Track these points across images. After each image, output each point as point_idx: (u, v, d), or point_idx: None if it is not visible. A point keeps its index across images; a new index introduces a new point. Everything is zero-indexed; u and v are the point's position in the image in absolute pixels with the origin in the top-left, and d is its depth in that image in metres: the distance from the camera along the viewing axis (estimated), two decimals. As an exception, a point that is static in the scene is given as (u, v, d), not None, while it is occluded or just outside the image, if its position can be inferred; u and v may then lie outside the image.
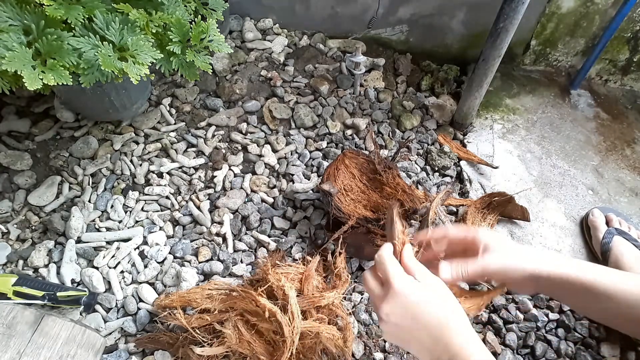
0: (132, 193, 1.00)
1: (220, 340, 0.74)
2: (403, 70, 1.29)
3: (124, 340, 0.84)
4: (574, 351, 0.84)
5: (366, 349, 0.83)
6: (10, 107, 1.09)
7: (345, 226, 0.84)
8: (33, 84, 0.64)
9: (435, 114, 1.19)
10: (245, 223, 0.98)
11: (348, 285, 0.84)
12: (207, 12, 0.89)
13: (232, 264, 0.91)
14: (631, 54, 1.25)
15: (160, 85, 1.18)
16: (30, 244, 0.92)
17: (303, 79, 1.23)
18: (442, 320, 0.49)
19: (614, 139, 1.19)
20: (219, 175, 1.04)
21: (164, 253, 0.92)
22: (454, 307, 0.50)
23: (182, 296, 0.81)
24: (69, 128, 1.08)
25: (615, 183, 1.10)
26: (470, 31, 1.26)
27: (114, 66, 0.70)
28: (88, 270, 0.88)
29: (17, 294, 0.78)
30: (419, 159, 1.11)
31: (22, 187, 0.98)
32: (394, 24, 1.29)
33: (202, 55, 0.81)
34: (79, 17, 0.70)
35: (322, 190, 0.86)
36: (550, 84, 1.31)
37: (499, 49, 0.96)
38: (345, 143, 1.12)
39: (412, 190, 0.92)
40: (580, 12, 1.17)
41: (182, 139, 1.10)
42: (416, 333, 0.50)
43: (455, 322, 0.49)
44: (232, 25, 1.30)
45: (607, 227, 0.94)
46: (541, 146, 1.16)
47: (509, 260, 0.55)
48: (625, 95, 1.31)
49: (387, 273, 0.51)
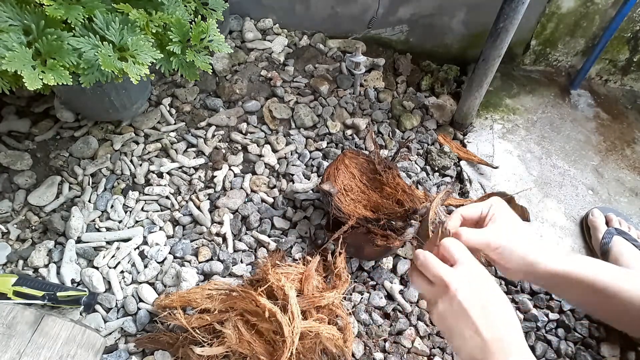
0: (132, 193, 1.00)
1: (220, 340, 0.74)
2: (403, 70, 1.29)
3: (124, 340, 0.84)
4: (574, 351, 0.84)
5: (366, 349, 0.83)
6: (10, 107, 1.09)
7: (345, 226, 0.84)
8: (33, 84, 0.64)
9: (435, 114, 1.19)
10: (245, 223, 0.98)
11: (348, 285, 0.84)
12: (207, 12, 0.89)
13: (232, 264, 0.91)
14: (631, 54, 1.25)
15: (160, 85, 1.18)
16: (30, 244, 0.92)
17: (303, 79, 1.23)
18: (495, 335, 0.46)
19: (614, 139, 1.19)
20: (219, 175, 1.04)
21: (164, 253, 0.92)
22: (507, 319, 0.47)
23: (182, 296, 0.81)
24: (69, 128, 1.08)
25: (615, 183, 1.10)
26: (470, 31, 1.26)
27: (114, 66, 0.70)
28: (88, 270, 0.88)
29: (17, 294, 0.78)
30: (419, 159, 1.11)
31: (22, 187, 0.98)
32: (394, 24, 1.29)
33: (202, 55, 0.81)
34: (79, 17, 0.70)
35: (322, 190, 0.86)
36: (550, 84, 1.31)
37: (499, 49, 0.96)
38: (345, 143, 1.12)
39: (412, 190, 0.92)
40: (580, 12, 1.17)
41: (182, 139, 1.10)
42: (467, 340, 0.47)
43: (506, 340, 0.46)
44: (232, 25, 1.30)
45: (606, 227, 0.94)
46: (541, 146, 1.16)
47: (511, 242, 0.53)
48: (625, 95, 1.31)
49: (438, 272, 0.49)
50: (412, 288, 0.90)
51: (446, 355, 0.84)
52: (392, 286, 0.90)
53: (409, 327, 0.86)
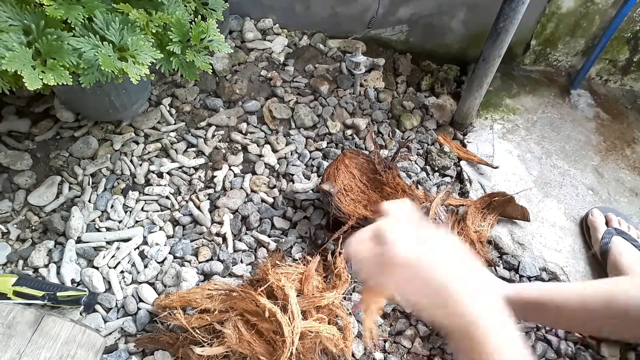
0: (132, 193, 1.00)
1: (220, 340, 0.74)
2: (403, 70, 1.29)
3: (124, 340, 0.84)
4: (574, 351, 0.84)
5: (366, 349, 0.83)
6: (10, 107, 1.09)
7: (345, 226, 0.84)
8: (33, 84, 0.64)
9: (435, 114, 1.19)
10: (245, 223, 0.98)
11: (348, 285, 0.84)
12: (207, 12, 0.89)
13: (232, 264, 0.91)
14: (631, 54, 1.25)
15: (160, 85, 1.18)
16: (30, 244, 0.92)
17: (303, 79, 1.23)
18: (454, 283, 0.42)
19: (614, 139, 1.19)
20: (219, 175, 1.04)
21: (164, 253, 0.92)
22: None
23: (182, 296, 0.81)
24: (69, 128, 1.08)
25: (615, 183, 1.10)
26: (470, 31, 1.26)
27: (114, 66, 0.70)
28: (88, 270, 0.88)
29: (17, 294, 0.78)
30: (419, 159, 1.11)
31: (22, 187, 0.98)
32: (394, 24, 1.29)
33: (202, 55, 0.81)
34: (79, 17, 0.70)
35: (322, 190, 0.86)
36: (550, 84, 1.31)
37: (499, 49, 0.96)
38: (345, 143, 1.12)
39: (412, 190, 0.92)
40: (580, 12, 1.17)
41: (182, 139, 1.10)
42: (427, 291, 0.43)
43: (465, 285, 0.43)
44: (232, 25, 1.30)
45: (606, 227, 0.94)
46: (541, 146, 1.16)
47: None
48: (625, 95, 1.31)
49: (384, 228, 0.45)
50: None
51: (446, 356, 0.84)
52: (392, 286, 0.90)
53: (408, 327, 0.86)
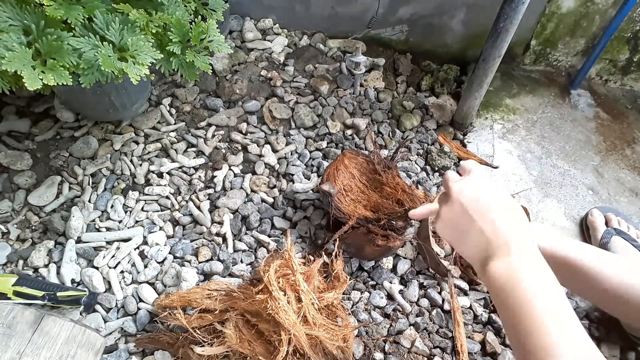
0: (132, 193, 1.00)
1: (221, 340, 0.74)
2: (403, 70, 1.29)
3: (124, 340, 0.84)
4: (573, 351, 0.84)
5: (366, 349, 0.83)
6: (10, 107, 1.09)
7: (345, 226, 0.84)
8: (33, 84, 0.64)
9: (435, 114, 1.20)
10: (245, 223, 0.98)
11: (347, 285, 0.84)
12: (207, 12, 0.89)
13: (232, 264, 0.91)
14: (631, 54, 1.25)
15: (160, 85, 1.18)
16: (30, 244, 0.92)
17: (303, 79, 1.23)
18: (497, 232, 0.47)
19: (614, 139, 1.19)
20: (219, 175, 1.04)
21: (164, 253, 0.92)
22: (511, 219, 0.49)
23: (182, 296, 0.81)
24: (69, 128, 1.08)
25: (615, 183, 1.10)
26: (470, 31, 1.26)
27: (114, 66, 0.70)
28: (88, 270, 0.88)
29: (17, 294, 0.78)
30: (419, 159, 1.11)
31: (22, 187, 0.98)
32: (394, 24, 1.29)
33: (202, 55, 0.81)
34: (79, 17, 0.70)
35: (322, 190, 0.86)
36: (550, 84, 1.31)
37: (499, 49, 0.96)
38: (345, 143, 1.12)
39: (412, 190, 0.92)
40: (580, 12, 1.17)
41: (182, 139, 1.10)
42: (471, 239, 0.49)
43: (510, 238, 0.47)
44: (232, 25, 1.30)
45: (606, 227, 0.94)
46: (541, 146, 1.16)
47: None
48: (625, 95, 1.31)
49: (447, 182, 0.54)
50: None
51: (446, 355, 0.84)
52: (392, 286, 0.90)
53: (408, 327, 0.86)
